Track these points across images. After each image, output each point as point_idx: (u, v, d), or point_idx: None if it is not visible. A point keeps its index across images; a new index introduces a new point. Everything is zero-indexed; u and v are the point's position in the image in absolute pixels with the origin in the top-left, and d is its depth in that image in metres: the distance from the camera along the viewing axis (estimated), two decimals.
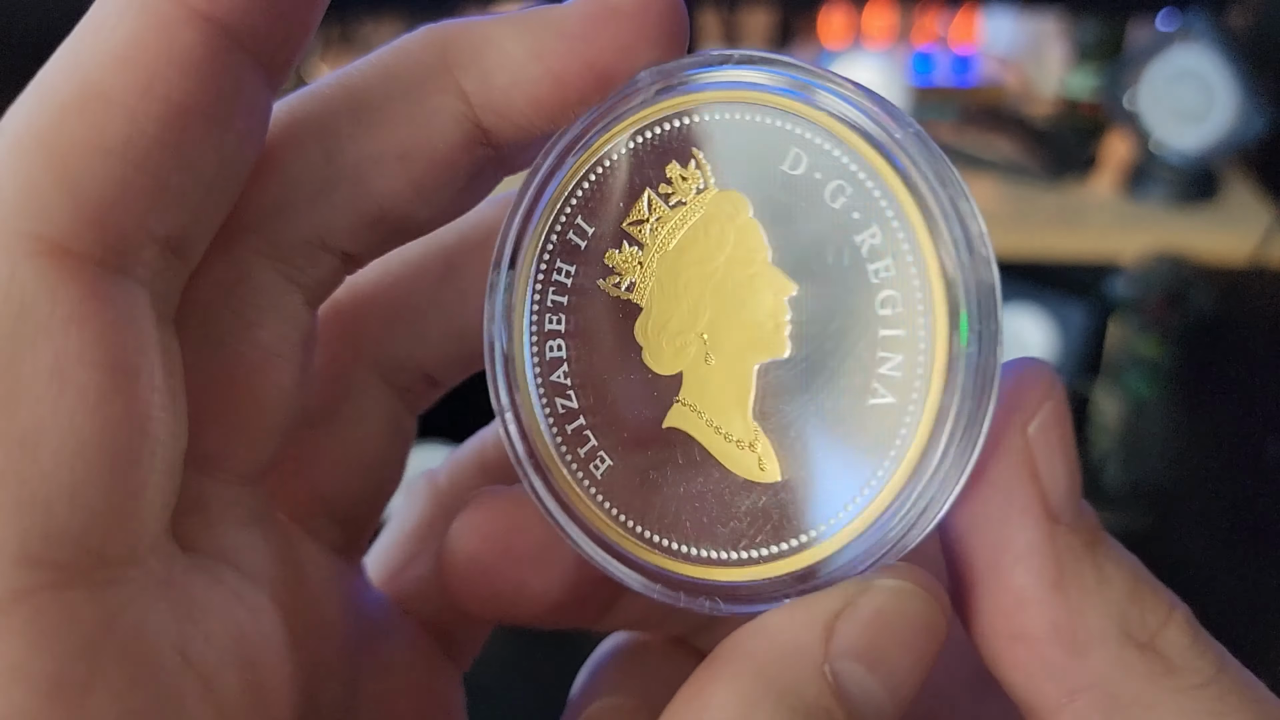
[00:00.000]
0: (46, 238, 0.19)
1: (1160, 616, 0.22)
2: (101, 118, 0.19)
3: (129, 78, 0.19)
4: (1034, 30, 1.53)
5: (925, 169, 0.23)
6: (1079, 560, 0.22)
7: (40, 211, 0.19)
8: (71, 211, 0.19)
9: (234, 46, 0.20)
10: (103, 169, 0.19)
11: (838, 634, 0.21)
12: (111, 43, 0.19)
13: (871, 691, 0.21)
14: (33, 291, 0.18)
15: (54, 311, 0.18)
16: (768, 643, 0.21)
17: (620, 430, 0.24)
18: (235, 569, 0.23)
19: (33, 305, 0.18)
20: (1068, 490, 0.22)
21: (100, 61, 0.19)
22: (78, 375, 0.18)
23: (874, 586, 0.22)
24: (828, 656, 0.21)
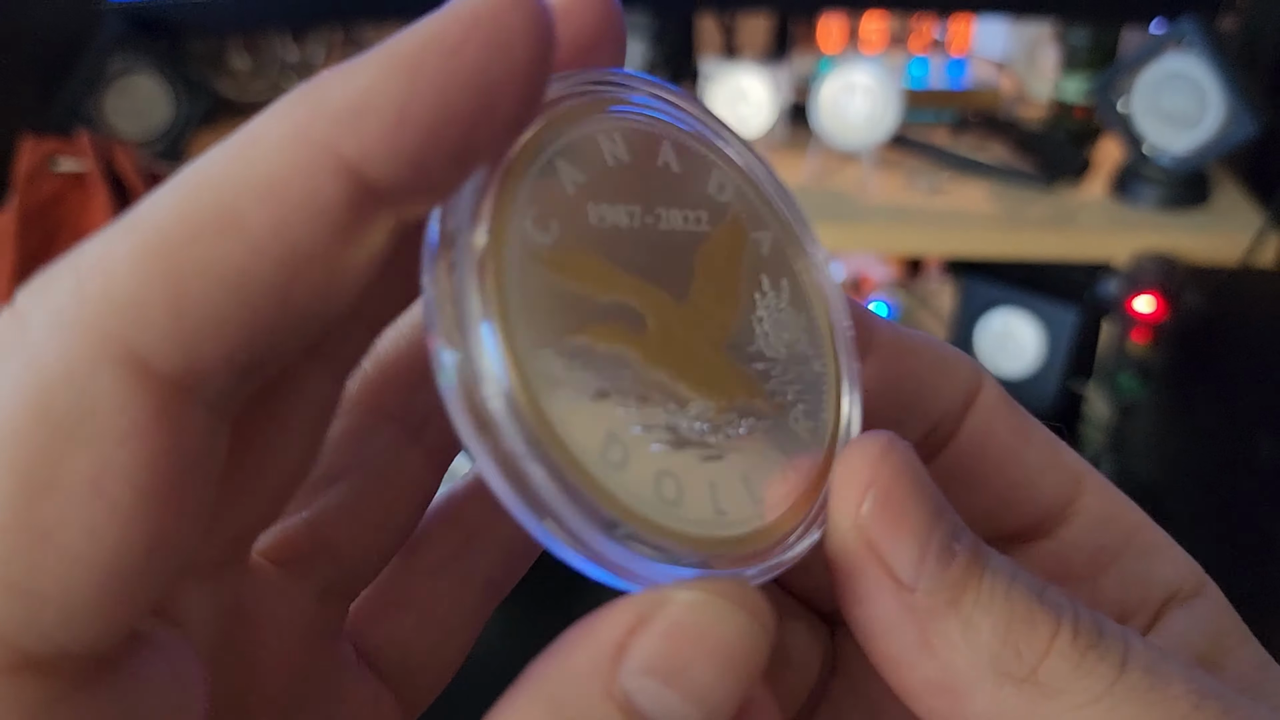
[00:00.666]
0: (137, 351, 0.19)
1: (1039, 647, 0.22)
2: (226, 248, 0.19)
3: (265, 212, 0.19)
4: (1027, 36, 1.54)
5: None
6: (940, 619, 0.22)
7: (141, 323, 0.19)
8: (169, 332, 0.19)
9: (373, 203, 0.20)
10: (212, 298, 0.19)
11: (630, 650, 0.20)
12: (257, 174, 0.19)
13: (672, 706, 0.20)
14: (105, 398, 0.18)
15: (115, 423, 0.19)
16: (558, 666, 0.21)
17: None
18: (180, 626, 0.23)
19: (99, 411, 0.18)
20: (917, 558, 0.23)
21: (240, 191, 0.19)
22: (113, 491, 0.19)
23: (670, 599, 0.21)
24: (618, 674, 0.20)
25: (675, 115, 0.26)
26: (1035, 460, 0.29)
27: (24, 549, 0.18)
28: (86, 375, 0.19)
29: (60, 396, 0.18)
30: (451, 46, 0.20)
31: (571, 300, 0.23)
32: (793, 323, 0.26)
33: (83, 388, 0.18)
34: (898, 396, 0.28)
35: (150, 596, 0.20)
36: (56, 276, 0.20)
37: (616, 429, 0.23)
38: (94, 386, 0.19)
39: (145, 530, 0.19)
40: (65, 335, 0.19)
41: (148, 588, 0.20)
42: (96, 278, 0.19)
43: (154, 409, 0.19)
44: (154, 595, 0.20)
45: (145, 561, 0.19)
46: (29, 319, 0.19)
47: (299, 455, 0.24)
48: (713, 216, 0.26)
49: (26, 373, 0.19)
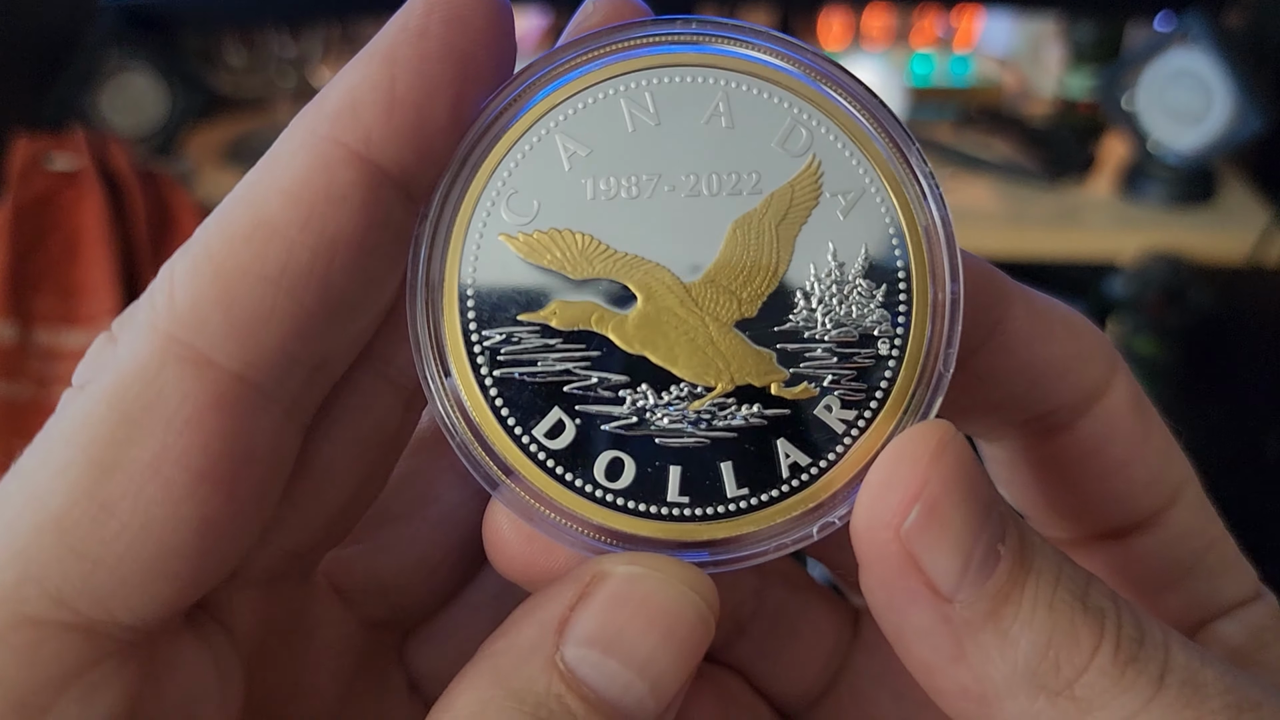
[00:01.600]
0: (198, 348, 0.21)
1: (1079, 662, 0.22)
2: (265, 247, 0.21)
3: (292, 212, 0.22)
4: (1032, 31, 1.53)
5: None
6: (978, 630, 0.22)
7: (199, 325, 0.21)
8: (225, 329, 0.21)
9: (385, 182, 0.22)
10: (258, 293, 0.21)
11: (571, 623, 0.22)
12: (282, 179, 0.22)
13: (614, 674, 0.21)
14: (170, 390, 0.21)
15: (178, 412, 0.21)
16: (506, 641, 0.22)
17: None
18: (226, 628, 0.25)
19: (164, 401, 0.21)
20: (959, 570, 0.22)
21: (269, 196, 0.22)
22: (170, 473, 0.21)
23: (609, 573, 0.22)
24: (560, 646, 0.21)
25: (756, 60, 0.24)
26: (1143, 471, 0.28)
27: (89, 519, 0.21)
28: (154, 371, 0.21)
29: (131, 390, 0.21)
30: (418, 30, 0.23)
31: (539, 282, 0.24)
32: (861, 296, 0.24)
33: (150, 382, 0.21)
34: (1023, 379, 0.27)
35: (199, 579, 0.22)
36: (140, 301, 0.22)
37: (567, 410, 0.24)
38: (159, 380, 0.21)
39: (197, 511, 0.21)
40: (139, 340, 0.21)
41: (197, 569, 0.22)
42: (162, 292, 0.22)
43: (212, 400, 0.21)
44: (203, 579, 0.22)
45: (196, 541, 0.21)
46: (119, 337, 0.22)
47: (360, 476, 0.25)
48: (770, 176, 0.24)
49: (110, 373, 0.21)
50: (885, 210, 0.24)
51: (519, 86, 0.24)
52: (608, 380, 0.24)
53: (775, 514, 0.24)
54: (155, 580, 0.21)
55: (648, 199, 0.24)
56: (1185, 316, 1.19)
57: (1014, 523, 0.23)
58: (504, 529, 0.25)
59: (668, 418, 0.24)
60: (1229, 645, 0.28)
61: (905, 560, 0.22)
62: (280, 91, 1.46)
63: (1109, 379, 0.28)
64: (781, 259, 0.24)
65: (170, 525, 0.21)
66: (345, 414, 0.25)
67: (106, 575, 0.21)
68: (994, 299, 0.27)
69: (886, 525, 0.22)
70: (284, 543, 0.25)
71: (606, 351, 0.24)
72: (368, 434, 0.25)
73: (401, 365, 0.25)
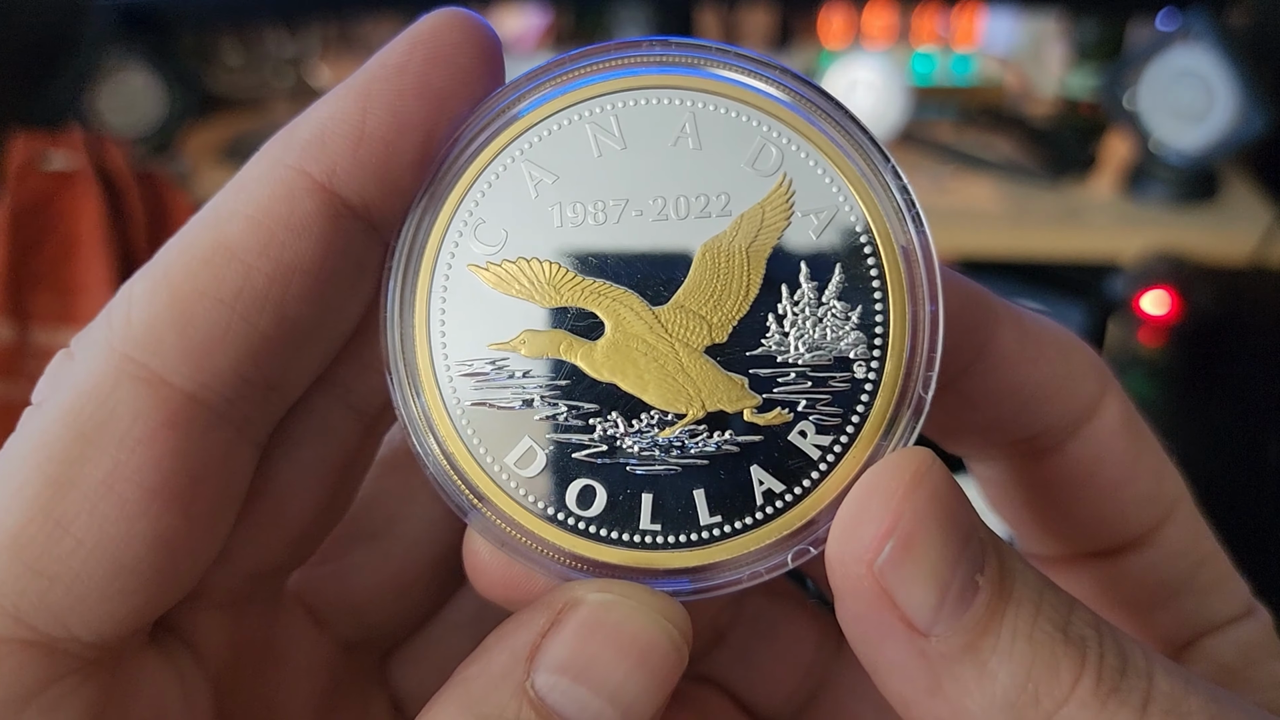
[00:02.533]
0: (151, 368, 0.22)
1: (1059, 694, 0.21)
2: (222, 270, 0.22)
3: (252, 237, 0.22)
4: (1034, 30, 1.53)
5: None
6: (955, 663, 0.21)
7: (153, 345, 0.22)
8: (178, 349, 0.22)
9: (348, 214, 0.23)
10: (213, 316, 0.22)
11: (542, 650, 0.22)
12: (245, 204, 0.22)
13: (585, 702, 0.21)
14: (123, 409, 0.21)
15: (131, 430, 0.21)
16: (477, 667, 0.22)
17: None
18: (191, 649, 0.25)
19: (117, 419, 0.21)
20: (935, 604, 0.21)
21: (231, 220, 0.22)
22: (123, 490, 0.21)
23: (581, 599, 0.22)
24: (531, 673, 0.22)
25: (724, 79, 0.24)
26: (1135, 491, 0.28)
27: (44, 536, 0.21)
28: (109, 390, 0.21)
29: (86, 408, 0.21)
30: (397, 67, 0.23)
31: (508, 311, 0.24)
32: (835, 319, 0.24)
33: (104, 400, 0.21)
34: (1011, 401, 0.27)
35: (157, 596, 0.22)
36: (97, 320, 0.23)
37: (537, 439, 0.24)
38: (113, 399, 0.21)
39: (151, 528, 0.21)
40: (95, 359, 0.22)
41: (154, 586, 0.22)
42: (120, 311, 0.22)
43: (164, 418, 0.22)
44: (161, 596, 0.22)
45: (152, 558, 0.22)
46: (76, 354, 0.22)
47: (321, 499, 0.26)
48: (740, 197, 0.24)
49: (66, 391, 0.22)
50: (860, 229, 0.24)
51: (485, 115, 0.24)
52: (578, 408, 0.24)
53: (749, 542, 0.24)
54: (112, 597, 0.21)
55: (615, 224, 0.23)
56: (1187, 317, 1.19)
57: (994, 550, 0.22)
58: (483, 553, 0.25)
59: (639, 445, 0.23)
60: (1219, 663, 0.27)
61: (879, 595, 0.21)
62: (277, 91, 1.46)
63: (1100, 399, 0.27)
64: (753, 282, 0.24)
65: (125, 542, 0.21)
66: (305, 438, 0.25)
67: (63, 592, 0.21)
68: (981, 319, 0.26)
69: (859, 560, 0.21)
70: (246, 564, 0.25)
71: (576, 380, 0.23)
72: (328, 458, 0.26)
73: (363, 391, 0.25)
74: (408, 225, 0.24)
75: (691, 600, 0.23)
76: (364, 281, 0.24)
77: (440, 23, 0.23)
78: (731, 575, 0.24)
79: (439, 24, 0.23)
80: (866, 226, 0.24)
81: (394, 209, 0.24)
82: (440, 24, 0.23)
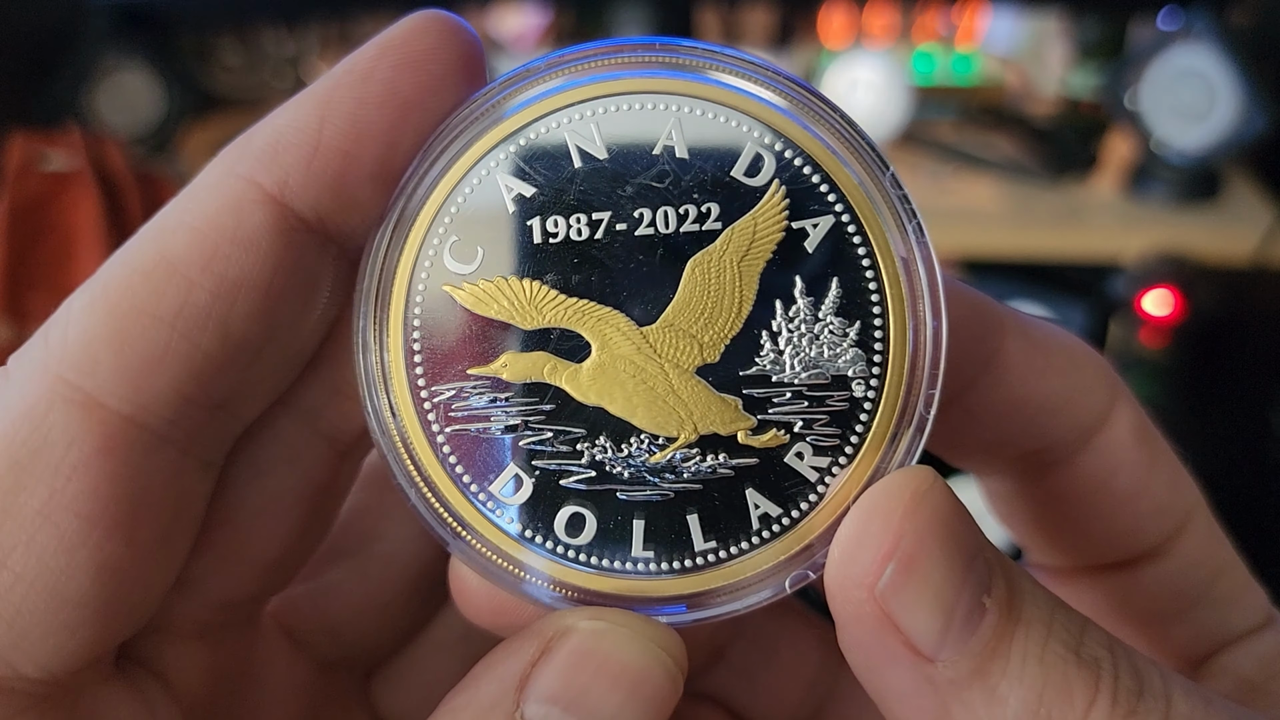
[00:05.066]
0: (86, 390, 0.20)
1: (1075, 715, 0.20)
2: (163, 286, 0.21)
3: (195, 251, 0.21)
4: (1035, 29, 1.52)
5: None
6: (964, 690, 0.20)
7: (88, 366, 0.20)
8: (115, 370, 0.21)
9: (300, 228, 0.22)
10: (151, 334, 0.21)
11: (532, 679, 0.21)
12: (190, 217, 0.21)
13: None
14: (57, 434, 0.20)
15: (66, 457, 0.20)
16: (465, 697, 0.22)
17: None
18: (162, 680, 0.24)
19: (51, 446, 0.20)
20: (940, 628, 0.20)
21: (175, 232, 0.21)
22: (60, 520, 0.20)
23: (572, 628, 0.21)
24: (521, 703, 0.21)
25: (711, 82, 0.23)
26: (1149, 502, 0.27)
27: None
28: (42, 414, 0.20)
29: (19, 434, 0.20)
30: (363, 74, 0.22)
31: (488, 333, 0.23)
32: (832, 336, 0.23)
33: (37, 425, 0.20)
34: (1018, 415, 0.26)
35: (107, 628, 0.21)
36: (34, 337, 0.21)
37: (523, 466, 0.23)
38: (47, 423, 0.20)
39: (92, 558, 0.20)
40: (29, 380, 0.20)
41: (102, 618, 0.21)
42: (58, 328, 0.21)
43: (100, 444, 0.20)
44: (112, 628, 0.21)
45: (96, 589, 0.20)
46: (12, 375, 0.21)
47: (294, 525, 0.25)
48: (730, 209, 0.22)
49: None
50: (858, 241, 0.23)
51: (458, 124, 0.23)
52: (564, 433, 0.23)
53: (746, 567, 0.23)
54: (57, 631, 0.20)
55: (598, 239, 0.22)
56: (1189, 317, 1.18)
57: (1001, 570, 0.21)
58: (469, 579, 0.24)
59: (629, 470, 0.23)
60: (1238, 676, 0.27)
61: (882, 620, 0.20)
62: (276, 91, 1.45)
63: (1110, 409, 0.26)
64: (745, 298, 0.23)
65: (66, 574, 0.20)
66: (272, 465, 0.24)
67: (4, 629, 0.20)
68: (986, 331, 0.25)
69: (860, 584, 0.20)
70: (214, 594, 0.24)
71: (562, 404, 0.23)
72: (297, 484, 0.24)
73: (334, 418, 0.24)
74: (378, 242, 0.23)
75: (687, 628, 0.23)
76: (317, 297, 0.23)
77: (415, 26, 0.22)
78: (728, 602, 0.23)
79: (413, 28, 0.22)
80: (865, 237, 0.23)
81: (351, 223, 0.22)
82: (414, 28, 0.22)
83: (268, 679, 0.26)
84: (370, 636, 0.29)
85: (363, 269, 0.23)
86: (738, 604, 0.23)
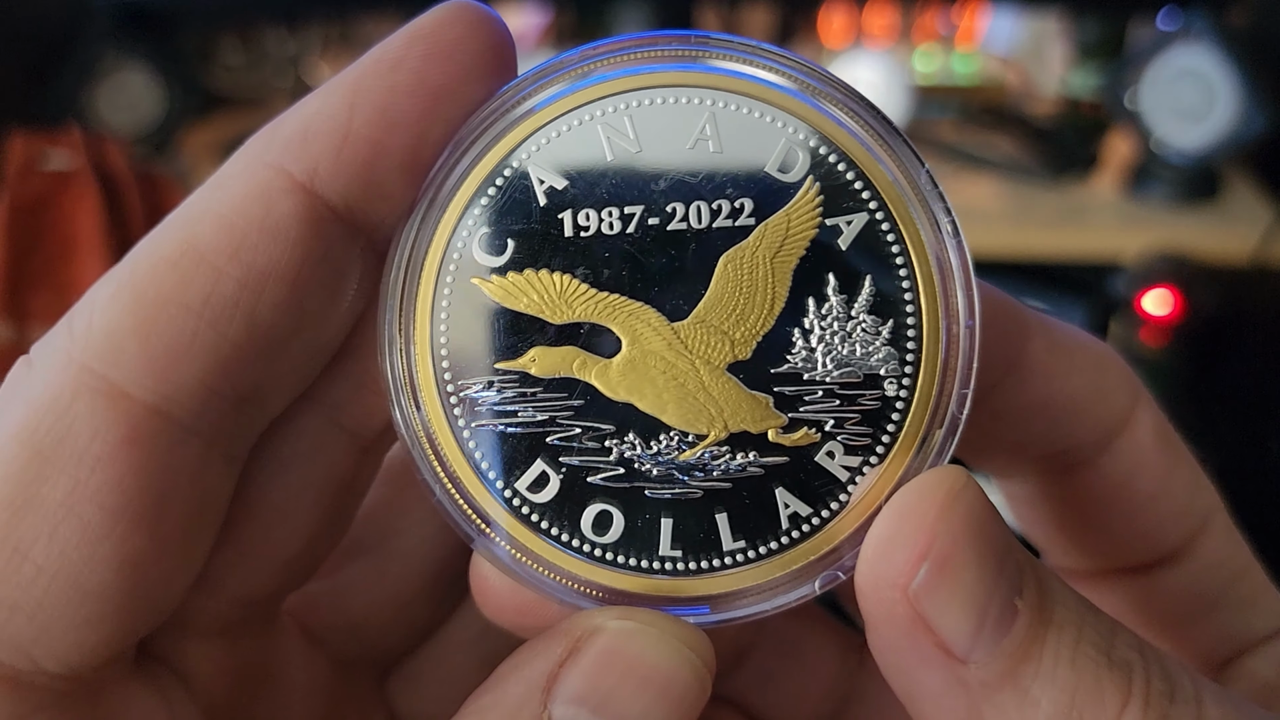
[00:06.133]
0: (111, 380, 0.20)
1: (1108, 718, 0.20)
2: (190, 275, 0.20)
3: (223, 239, 0.20)
4: (1035, 29, 1.52)
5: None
6: (996, 691, 0.20)
7: (113, 356, 0.20)
8: (141, 360, 0.20)
9: (329, 217, 0.21)
10: (178, 323, 0.20)
11: (560, 679, 0.21)
12: (218, 205, 0.21)
13: None
14: (81, 424, 0.20)
15: (90, 448, 0.20)
16: (491, 698, 0.21)
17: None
18: (181, 678, 0.24)
19: (75, 436, 0.20)
20: (973, 629, 0.20)
21: (203, 220, 0.21)
22: (84, 511, 0.20)
23: (601, 628, 0.21)
24: (548, 704, 0.20)
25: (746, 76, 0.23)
26: (1169, 505, 0.27)
27: (2, 563, 0.19)
28: (66, 404, 0.20)
29: (43, 423, 0.20)
30: (392, 63, 0.22)
31: (516, 327, 0.22)
32: (865, 334, 0.22)
33: (61, 415, 0.20)
34: (1042, 416, 0.26)
35: (129, 623, 0.21)
36: (58, 325, 0.21)
37: (550, 462, 0.22)
38: (72, 413, 0.20)
39: (116, 551, 0.20)
40: (53, 369, 0.20)
41: (125, 613, 0.20)
42: (83, 317, 0.20)
43: (126, 434, 0.20)
44: (134, 623, 0.21)
45: (119, 582, 0.20)
46: (36, 363, 0.21)
47: (313, 522, 0.24)
48: (764, 204, 0.22)
49: (21, 405, 0.20)
50: (892, 238, 0.22)
51: (488, 115, 0.22)
52: (593, 430, 0.22)
53: (775, 568, 0.23)
54: (79, 625, 0.20)
55: (630, 234, 0.22)
56: (1189, 316, 1.18)
57: (1032, 571, 0.21)
58: (490, 577, 0.24)
59: (657, 468, 0.22)
60: (1260, 680, 0.27)
61: (914, 621, 0.20)
62: (277, 90, 1.45)
63: (1131, 412, 0.26)
64: (777, 295, 0.23)
65: (89, 567, 0.20)
66: (294, 460, 0.24)
67: (25, 622, 0.20)
68: (1012, 332, 0.25)
69: (893, 585, 0.20)
70: (234, 590, 0.24)
71: (591, 400, 0.22)
72: (319, 481, 0.24)
73: (357, 413, 0.24)
74: (406, 234, 0.23)
75: (715, 628, 0.22)
76: (345, 289, 0.23)
77: (444, 16, 0.22)
78: (756, 603, 0.23)
79: (443, 17, 0.22)
80: (899, 235, 0.22)
81: (379, 213, 0.22)
82: (444, 17, 0.22)
83: (286, 678, 0.26)
84: (388, 634, 0.28)
85: (390, 260, 0.23)
86: (766, 604, 0.23)
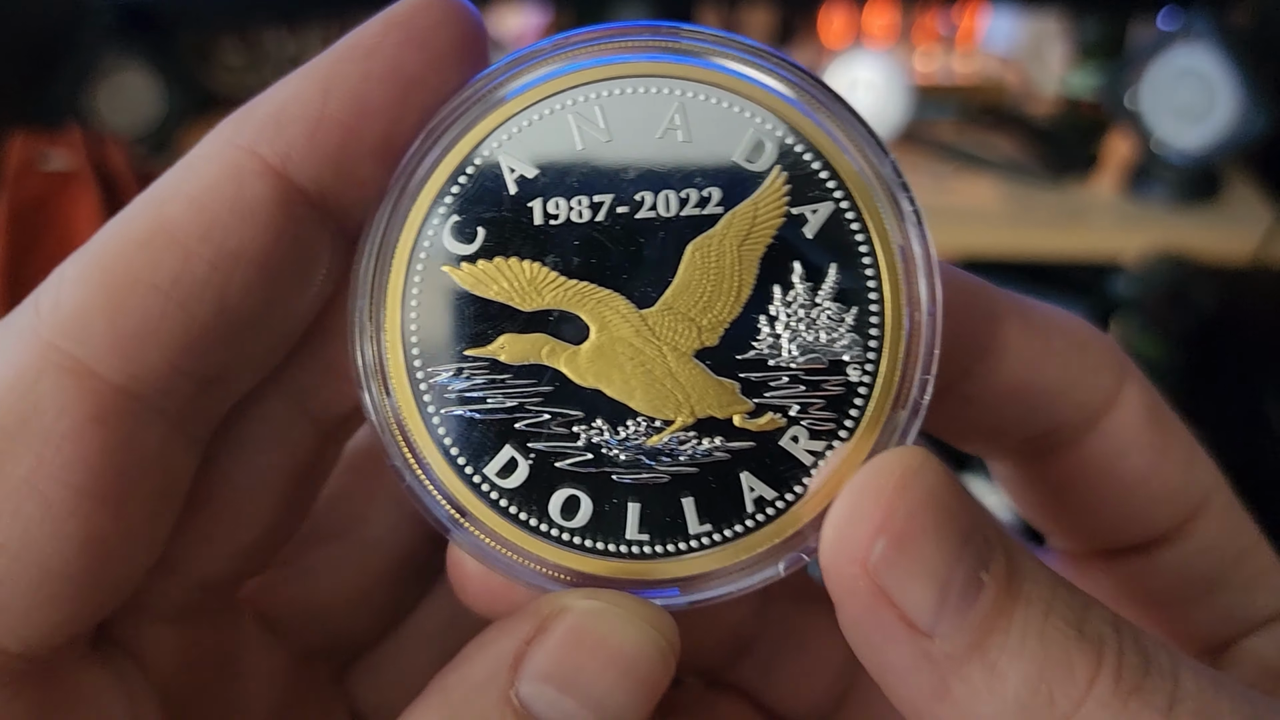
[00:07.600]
0: (78, 358, 0.20)
1: (1075, 694, 0.20)
2: (160, 255, 0.20)
3: (194, 220, 0.20)
4: (1035, 29, 1.52)
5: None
6: (962, 664, 0.20)
7: (81, 334, 0.20)
8: (108, 338, 0.20)
9: (300, 200, 0.21)
10: (146, 303, 0.20)
11: (527, 658, 0.21)
12: (189, 186, 0.21)
13: (570, 712, 0.21)
14: (47, 402, 0.20)
15: (55, 425, 0.20)
16: (458, 675, 0.21)
17: None
18: (138, 662, 0.23)
19: (40, 414, 0.20)
20: (935, 602, 0.20)
21: (174, 200, 0.21)
22: (48, 490, 0.20)
23: (568, 607, 0.21)
24: (515, 682, 0.21)
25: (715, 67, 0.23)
26: (1162, 484, 0.27)
27: None
28: (32, 380, 0.20)
29: (7, 400, 0.20)
30: (368, 49, 0.22)
31: (486, 314, 0.23)
32: (830, 320, 0.23)
33: (27, 392, 0.20)
34: (1019, 401, 0.26)
35: (91, 603, 0.21)
36: (25, 303, 0.21)
37: (519, 448, 0.23)
38: (37, 390, 0.20)
39: (80, 529, 0.20)
40: (17, 346, 0.20)
41: (87, 592, 0.20)
42: (50, 294, 0.20)
43: (92, 412, 0.20)
44: (96, 603, 0.21)
45: (83, 561, 0.20)
46: (0, 339, 0.20)
47: (274, 507, 0.24)
48: (731, 193, 0.23)
49: None
50: (857, 227, 0.23)
51: (461, 103, 0.23)
52: (561, 416, 0.23)
53: (740, 550, 0.23)
54: (40, 604, 0.20)
55: (599, 222, 0.22)
56: (1189, 317, 1.18)
57: (1003, 547, 0.21)
58: (467, 563, 0.24)
59: (625, 453, 0.23)
60: (1261, 662, 0.26)
61: (876, 595, 0.20)
62: None
63: (1117, 391, 0.26)
64: (744, 282, 0.23)
65: (52, 545, 0.20)
66: (258, 444, 0.24)
67: None
68: (983, 316, 0.25)
69: (852, 559, 0.20)
70: (194, 574, 0.24)
71: (559, 386, 0.23)
72: (281, 465, 0.24)
73: (322, 398, 0.24)
74: (377, 221, 0.23)
75: (682, 610, 0.23)
76: (314, 273, 0.23)
77: (419, 4, 0.22)
78: (723, 585, 0.23)
79: (417, 5, 0.22)
80: (863, 224, 0.23)
81: (350, 198, 0.22)
82: (419, 5, 0.22)
83: (243, 665, 0.26)
84: (350, 623, 0.28)
85: (361, 247, 0.23)
86: (733, 586, 0.23)
